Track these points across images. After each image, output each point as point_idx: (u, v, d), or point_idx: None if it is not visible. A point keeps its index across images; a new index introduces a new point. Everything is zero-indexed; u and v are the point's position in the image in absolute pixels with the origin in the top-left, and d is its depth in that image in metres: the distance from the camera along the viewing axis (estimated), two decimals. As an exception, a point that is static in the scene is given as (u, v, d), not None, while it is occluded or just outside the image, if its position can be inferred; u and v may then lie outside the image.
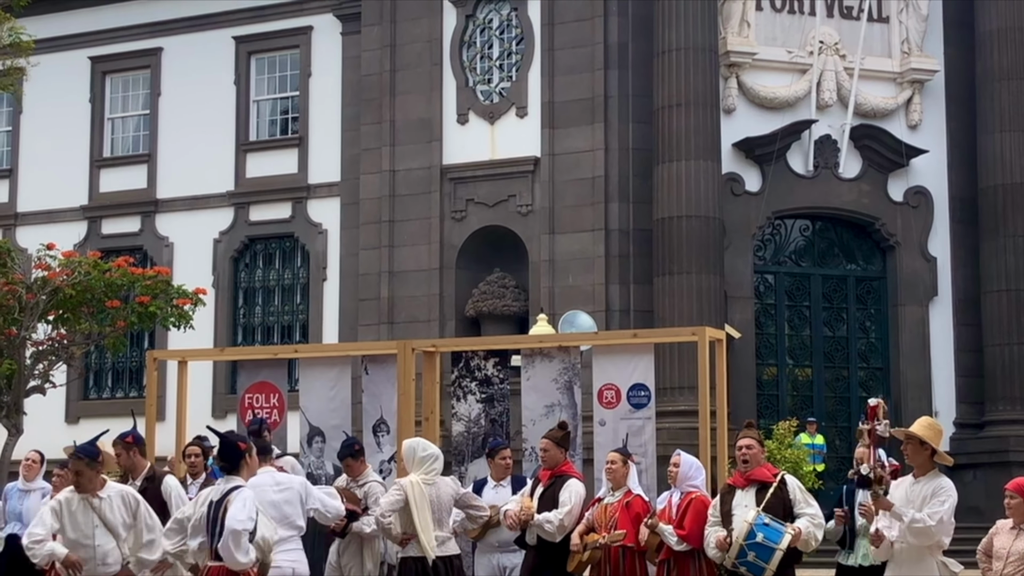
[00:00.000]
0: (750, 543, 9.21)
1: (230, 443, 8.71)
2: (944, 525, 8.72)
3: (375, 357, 12.56)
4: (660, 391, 15.75)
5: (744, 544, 9.23)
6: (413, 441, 10.63)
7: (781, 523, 9.25)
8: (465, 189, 23.67)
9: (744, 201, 23.03)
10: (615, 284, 22.51)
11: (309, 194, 25.65)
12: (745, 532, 9.25)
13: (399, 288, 23.77)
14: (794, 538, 9.21)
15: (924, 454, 8.91)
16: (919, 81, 23.92)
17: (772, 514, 9.32)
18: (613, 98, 22.86)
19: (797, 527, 9.25)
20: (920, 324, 23.63)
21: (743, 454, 9.55)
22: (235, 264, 26.27)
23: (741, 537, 9.26)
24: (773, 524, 9.24)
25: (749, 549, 9.22)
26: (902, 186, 23.77)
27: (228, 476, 8.52)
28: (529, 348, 12.32)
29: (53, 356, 19.41)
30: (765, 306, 23.58)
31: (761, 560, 9.19)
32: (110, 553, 8.87)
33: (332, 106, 25.45)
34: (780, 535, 9.19)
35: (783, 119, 23.18)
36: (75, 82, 27.44)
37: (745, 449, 9.54)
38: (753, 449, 9.54)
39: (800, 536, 9.25)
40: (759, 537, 9.20)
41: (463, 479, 11.92)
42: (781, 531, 9.21)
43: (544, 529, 10.37)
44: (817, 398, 23.54)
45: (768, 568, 9.19)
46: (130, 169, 27.12)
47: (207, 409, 24.18)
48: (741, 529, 9.28)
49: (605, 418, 11.62)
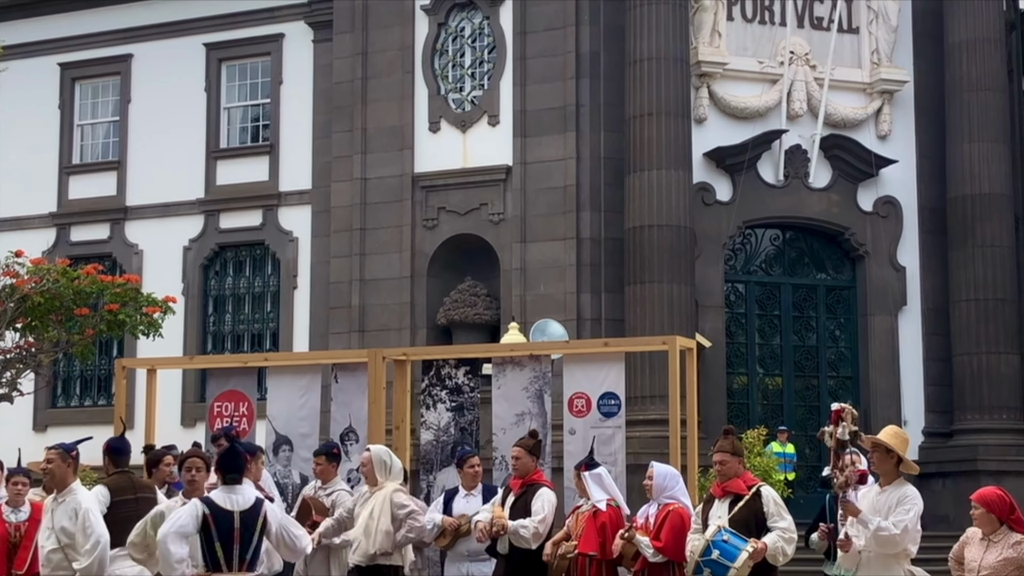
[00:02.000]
0: (705, 559, 9.18)
1: (237, 451, 8.49)
2: (909, 533, 8.74)
3: (345, 365, 12.54)
4: (631, 400, 15.77)
5: (700, 560, 9.21)
6: (381, 449, 10.61)
7: (743, 539, 9.16)
8: (437, 197, 23.65)
9: (715, 210, 23.09)
10: (586, 293, 22.53)
11: (280, 202, 25.58)
12: (701, 548, 9.21)
13: (370, 296, 23.72)
14: (754, 554, 9.10)
15: (890, 462, 8.95)
16: (888, 92, 24.05)
17: (743, 526, 9.25)
18: (585, 107, 22.90)
19: (761, 543, 9.15)
20: (889, 333, 23.74)
21: (718, 469, 9.55)
22: (205, 272, 26.16)
23: (697, 553, 9.23)
24: (732, 541, 9.14)
25: (704, 565, 9.19)
26: (872, 196, 23.88)
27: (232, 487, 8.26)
28: (500, 357, 12.33)
29: (21, 364, 19.29)
30: (735, 315, 23.64)
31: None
32: (50, 557, 8.80)
33: (303, 113, 25.40)
34: (736, 552, 9.08)
35: (754, 129, 23.27)
36: (44, 88, 27.29)
37: (719, 465, 9.52)
38: (727, 463, 9.49)
39: (763, 551, 9.15)
40: (714, 554, 9.13)
41: (432, 488, 11.90)
42: (739, 549, 9.10)
43: (520, 535, 10.35)
44: (787, 407, 23.60)
45: None
46: (99, 176, 26.97)
47: (176, 418, 24.09)
48: (696, 546, 9.26)
49: (575, 427, 11.63)
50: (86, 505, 8.77)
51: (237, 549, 8.09)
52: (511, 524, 10.37)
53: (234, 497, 8.20)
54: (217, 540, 8.07)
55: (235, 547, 8.08)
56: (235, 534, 8.09)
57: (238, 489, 8.28)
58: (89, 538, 8.61)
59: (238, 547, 8.09)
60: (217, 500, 8.19)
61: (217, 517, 8.10)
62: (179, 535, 8.06)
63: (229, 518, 8.10)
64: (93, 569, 8.59)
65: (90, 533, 8.61)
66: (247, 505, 8.19)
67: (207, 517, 8.10)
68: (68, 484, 8.92)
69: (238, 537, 8.09)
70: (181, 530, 8.09)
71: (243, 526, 8.11)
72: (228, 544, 8.07)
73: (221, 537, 8.07)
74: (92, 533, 8.60)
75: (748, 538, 9.17)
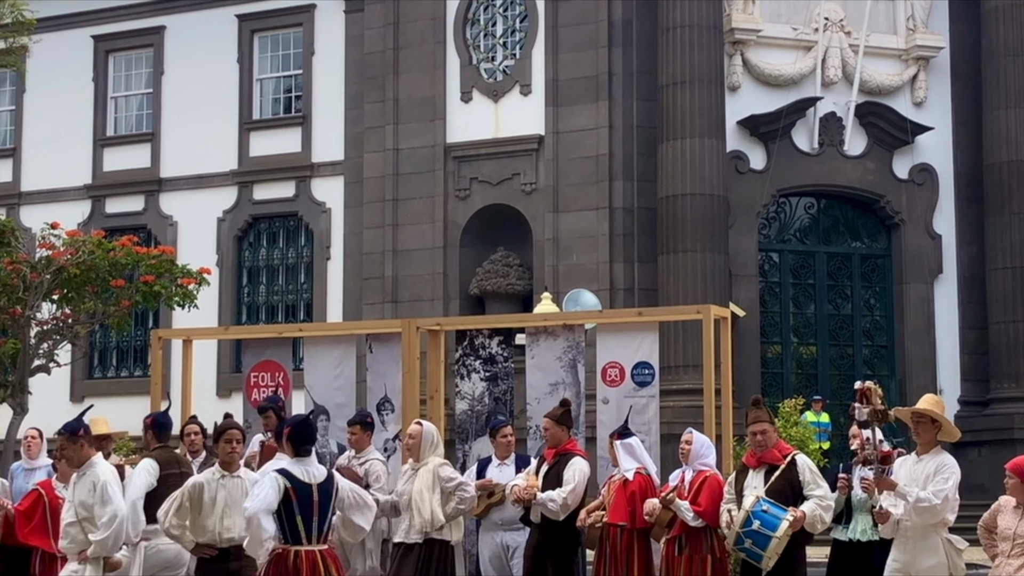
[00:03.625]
0: (746, 530, 9.18)
1: (308, 422, 8.49)
2: (949, 503, 8.71)
3: (379, 336, 12.56)
4: (664, 369, 15.75)
5: (740, 532, 9.20)
6: (432, 426, 10.68)
7: (782, 508, 9.16)
8: (469, 168, 23.63)
9: (749, 179, 22.97)
10: (619, 262, 22.49)
11: (313, 173, 25.61)
12: (742, 520, 9.21)
13: (403, 267, 23.75)
14: (794, 523, 9.13)
15: (932, 431, 8.91)
16: (924, 58, 23.84)
17: (780, 495, 9.25)
18: (617, 76, 22.79)
19: (799, 511, 9.17)
20: (925, 302, 23.60)
21: (757, 440, 9.53)
22: (239, 243, 26.25)
23: (738, 524, 9.23)
24: (772, 511, 9.15)
25: (745, 536, 9.19)
26: (907, 163, 23.70)
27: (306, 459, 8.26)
28: (534, 327, 12.32)
29: (57, 335, 19.42)
30: (769, 284, 23.55)
31: (758, 547, 9.15)
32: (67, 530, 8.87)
33: (335, 84, 25.39)
34: (777, 522, 9.10)
35: (788, 96, 23.11)
36: (78, 61, 27.38)
37: (760, 435, 9.51)
38: (767, 433, 9.49)
39: (802, 520, 9.18)
40: (755, 524, 9.14)
41: (466, 458, 11.93)
42: (779, 518, 9.10)
43: (547, 507, 10.38)
44: (822, 376, 23.52)
45: (765, 555, 9.14)
46: (133, 148, 27.07)
47: (212, 388, 24.22)
48: (738, 517, 9.26)
49: (608, 396, 11.62)
50: (104, 478, 8.80)
51: (316, 521, 8.14)
52: (540, 495, 10.39)
53: (310, 470, 8.24)
54: (298, 513, 8.09)
55: (314, 519, 8.13)
56: (314, 507, 8.13)
57: (310, 461, 8.30)
58: (106, 511, 8.65)
59: (316, 519, 8.14)
60: (296, 473, 8.19)
61: (298, 490, 8.12)
62: (267, 511, 8.08)
63: (308, 491, 8.14)
64: (108, 542, 8.63)
65: (108, 507, 8.65)
66: (322, 477, 8.24)
67: (289, 490, 8.11)
68: (88, 458, 8.96)
69: (316, 509, 8.13)
70: (269, 507, 8.09)
71: (321, 498, 8.16)
72: (308, 516, 8.11)
73: (302, 510, 8.09)
74: (110, 507, 8.64)
75: (786, 507, 9.18)
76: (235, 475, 8.94)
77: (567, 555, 10.56)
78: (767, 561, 9.18)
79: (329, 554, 8.21)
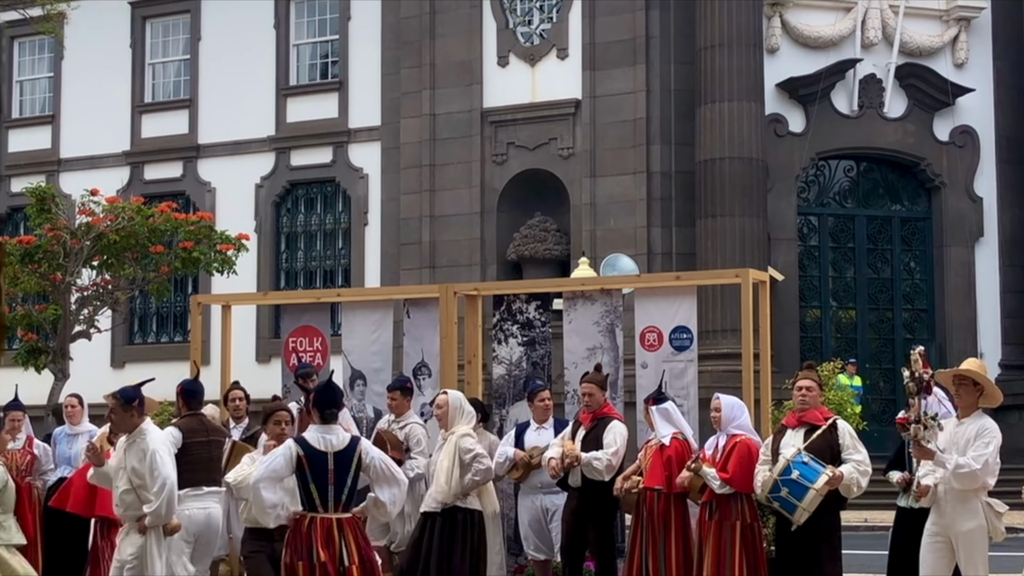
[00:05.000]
0: (784, 479, 9.16)
1: (334, 386, 8.45)
2: (989, 467, 8.65)
3: (417, 301, 12.56)
4: (703, 334, 15.68)
5: (778, 479, 9.19)
6: (457, 393, 10.70)
7: (822, 464, 9.18)
8: (506, 132, 23.58)
9: (788, 142, 22.82)
10: (657, 227, 22.41)
11: (350, 138, 25.63)
12: (781, 467, 9.20)
13: (440, 232, 23.76)
14: (832, 480, 9.10)
15: (974, 395, 8.84)
16: (965, 19, 23.56)
17: (817, 456, 9.26)
18: (655, 39, 22.65)
19: (838, 470, 9.16)
20: (965, 265, 23.42)
21: (802, 395, 9.50)
22: (277, 209, 26.33)
23: (777, 472, 9.22)
24: (812, 464, 9.17)
25: (783, 485, 9.17)
26: (948, 126, 23.48)
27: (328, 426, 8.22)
28: (571, 291, 12.29)
29: (98, 302, 19.58)
30: (808, 248, 23.43)
31: (794, 497, 9.13)
32: (123, 498, 8.94)
33: (372, 49, 25.35)
34: (817, 475, 9.11)
35: (827, 58, 22.92)
36: (115, 27, 27.46)
37: (805, 391, 9.49)
38: (812, 392, 9.49)
39: (840, 479, 9.14)
40: (794, 474, 9.14)
41: (504, 422, 11.95)
42: (819, 471, 9.13)
43: (593, 467, 10.37)
44: (861, 340, 23.41)
45: (800, 506, 9.11)
46: (171, 114, 27.17)
47: (251, 353, 24.36)
48: (778, 465, 9.25)
49: (647, 361, 11.58)
50: (153, 447, 8.84)
51: (332, 490, 8.10)
52: (584, 456, 10.40)
53: (328, 438, 8.18)
54: (312, 481, 8.08)
55: (330, 488, 8.10)
56: (329, 475, 8.09)
57: (333, 429, 8.25)
58: (156, 480, 8.70)
59: (333, 488, 8.10)
60: (311, 441, 8.17)
61: (311, 458, 8.09)
62: (272, 480, 8.12)
63: (323, 459, 8.09)
64: (163, 510, 8.69)
65: (157, 475, 8.70)
66: (341, 446, 8.17)
67: (301, 459, 8.09)
68: (137, 426, 9.01)
69: (332, 478, 8.09)
70: (274, 475, 8.12)
71: (337, 467, 8.11)
72: (323, 485, 8.08)
73: (315, 478, 8.08)
74: (159, 475, 8.69)
75: (826, 465, 9.17)
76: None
77: (606, 519, 10.58)
78: (800, 513, 9.14)
79: (348, 522, 8.14)
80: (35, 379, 19.40)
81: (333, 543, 8.04)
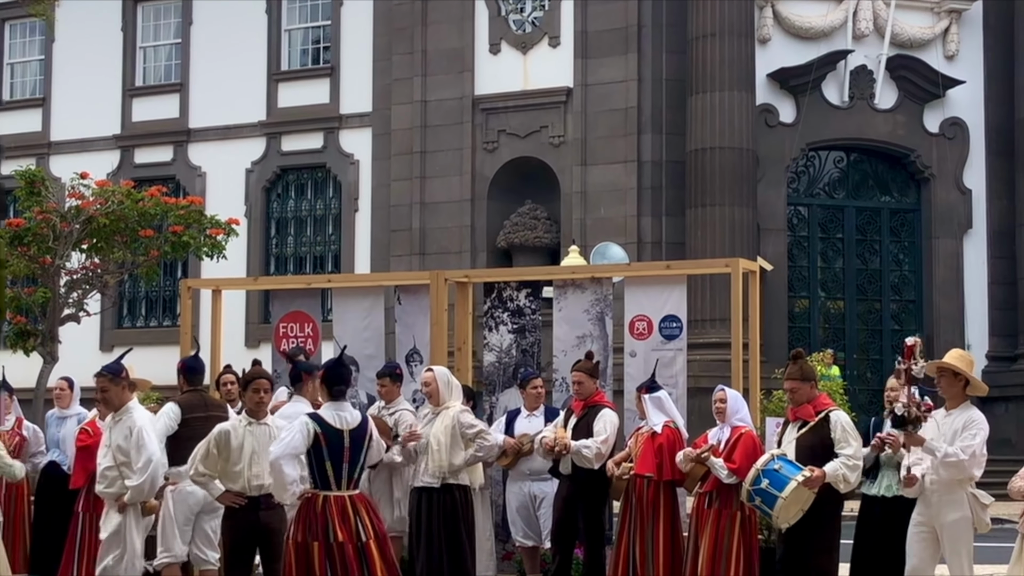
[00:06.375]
0: (755, 488, 9.17)
1: (342, 363, 8.42)
2: (977, 458, 8.67)
3: (408, 287, 12.58)
4: (692, 323, 15.75)
5: (751, 489, 9.21)
6: (443, 369, 10.71)
7: (797, 467, 9.08)
8: (497, 120, 23.58)
9: (778, 132, 22.86)
10: (647, 216, 22.45)
11: (341, 124, 25.61)
12: (752, 477, 9.20)
13: (430, 219, 23.77)
14: (808, 482, 8.98)
15: (957, 386, 8.87)
16: (956, 11, 23.61)
17: (810, 451, 9.16)
18: (646, 28, 22.67)
19: (818, 471, 9.03)
20: (954, 257, 23.50)
21: (789, 396, 9.53)
22: (267, 194, 26.31)
23: (748, 482, 9.23)
24: (785, 469, 9.07)
25: (755, 494, 9.20)
26: (938, 117, 23.54)
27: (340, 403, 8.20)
28: (561, 279, 12.32)
29: (87, 285, 19.53)
30: (798, 238, 23.48)
31: (767, 506, 9.15)
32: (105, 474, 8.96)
33: (364, 36, 25.33)
34: (786, 482, 9.03)
35: (818, 49, 22.96)
36: (107, 11, 27.39)
37: (790, 392, 9.49)
38: (797, 392, 9.41)
39: (820, 479, 9.03)
40: (764, 484, 9.11)
41: (494, 409, 11.98)
42: (789, 477, 9.02)
43: (582, 455, 10.41)
44: (849, 331, 23.48)
45: (772, 514, 9.12)
46: (162, 98, 27.12)
47: (241, 338, 24.36)
48: (750, 474, 9.25)
49: (636, 349, 11.62)
50: (140, 424, 8.86)
51: (346, 468, 8.05)
52: (574, 444, 10.44)
53: (343, 415, 8.14)
54: (328, 459, 8.00)
55: (344, 465, 8.04)
56: (344, 453, 8.03)
57: (345, 406, 8.22)
58: (141, 456, 8.71)
59: (347, 465, 8.05)
60: (327, 418, 8.11)
61: (328, 436, 8.03)
62: (292, 456, 8.03)
63: (340, 436, 8.04)
64: (145, 486, 8.70)
65: (143, 451, 8.72)
66: (355, 423, 8.14)
67: (318, 436, 8.02)
68: (125, 403, 9.02)
69: (347, 455, 8.04)
70: (294, 451, 8.02)
71: (352, 444, 8.07)
72: (338, 463, 8.02)
73: (332, 456, 8.00)
74: (144, 452, 8.71)
75: (804, 467, 9.10)
76: (262, 423, 8.95)
77: (596, 506, 10.62)
78: (775, 521, 9.18)
79: (360, 499, 8.14)
80: (24, 362, 19.37)
81: (348, 521, 8.00)
